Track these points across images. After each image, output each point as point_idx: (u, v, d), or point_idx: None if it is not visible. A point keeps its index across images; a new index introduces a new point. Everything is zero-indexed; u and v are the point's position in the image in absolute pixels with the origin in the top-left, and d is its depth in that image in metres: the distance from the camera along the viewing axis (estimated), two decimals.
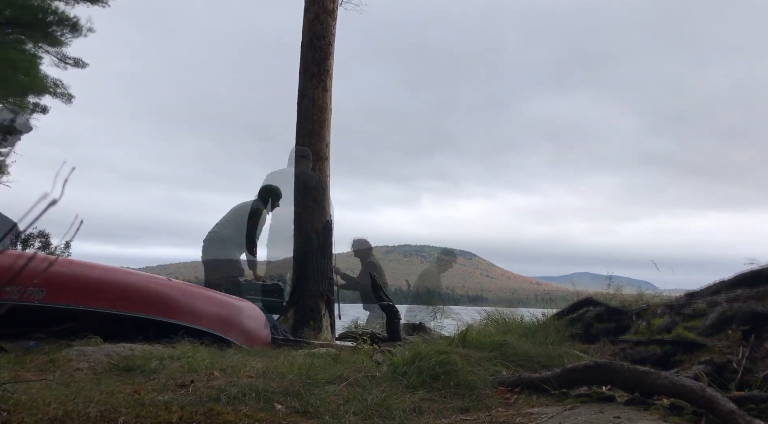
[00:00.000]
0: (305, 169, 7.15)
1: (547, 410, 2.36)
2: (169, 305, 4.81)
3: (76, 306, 4.29)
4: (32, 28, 13.16)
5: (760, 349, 2.73)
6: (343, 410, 2.46)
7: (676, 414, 2.08)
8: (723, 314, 3.07)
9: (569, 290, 5.43)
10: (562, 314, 4.01)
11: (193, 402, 2.46)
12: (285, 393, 2.65)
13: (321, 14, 8.07)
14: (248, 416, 2.25)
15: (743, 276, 3.50)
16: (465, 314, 6.45)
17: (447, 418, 2.43)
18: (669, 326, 3.22)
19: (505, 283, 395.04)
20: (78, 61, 15.08)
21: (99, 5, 14.31)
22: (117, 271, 4.92)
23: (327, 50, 8.06)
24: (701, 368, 2.58)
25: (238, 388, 2.64)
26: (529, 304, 8.53)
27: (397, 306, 5.92)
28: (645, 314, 3.59)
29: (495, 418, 2.34)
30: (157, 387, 2.71)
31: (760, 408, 2.06)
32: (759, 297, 3.16)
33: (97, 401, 2.35)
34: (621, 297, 4.87)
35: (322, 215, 7.62)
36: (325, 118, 7.89)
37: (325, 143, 7.85)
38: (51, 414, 2.10)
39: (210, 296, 5.30)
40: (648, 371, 2.28)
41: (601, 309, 3.81)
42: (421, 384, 2.85)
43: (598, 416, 2.15)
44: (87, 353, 3.48)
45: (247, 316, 5.40)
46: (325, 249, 7.55)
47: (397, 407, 2.50)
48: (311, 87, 7.90)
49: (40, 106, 15.51)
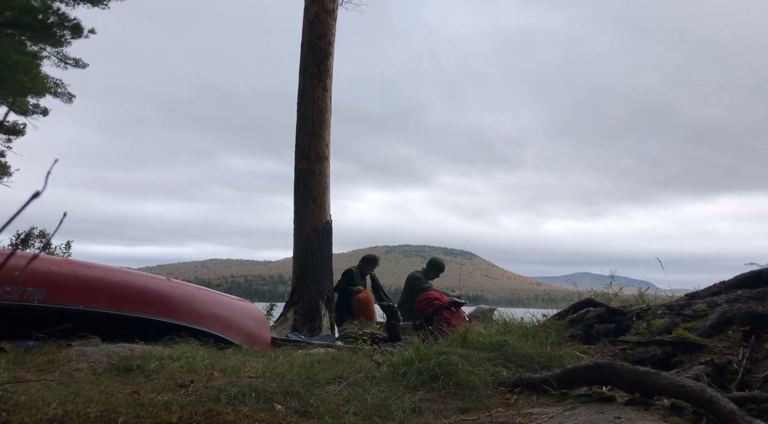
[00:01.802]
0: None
1: (547, 410, 2.35)
2: (168, 305, 4.80)
3: (76, 306, 4.29)
4: (33, 30, 13.16)
5: (760, 349, 2.73)
6: (343, 410, 2.46)
7: (677, 415, 2.08)
8: (723, 314, 3.07)
9: (570, 290, 5.43)
10: (562, 314, 4.01)
11: (192, 402, 2.46)
12: (285, 393, 2.65)
13: (321, 14, 8.06)
14: (248, 417, 2.25)
15: (743, 277, 3.50)
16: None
17: (447, 418, 2.42)
18: (669, 326, 3.22)
19: (505, 283, 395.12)
20: (78, 61, 15.09)
21: (100, 6, 14.32)
22: (117, 271, 4.91)
23: (327, 50, 8.05)
24: (701, 369, 2.58)
25: (238, 388, 2.64)
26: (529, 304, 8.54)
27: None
28: (645, 315, 3.58)
29: (495, 418, 2.34)
30: (156, 387, 2.70)
31: (761, 408, 2.06)
32: (759, 298, 3.16)
33: (96, 401, 2.35)
34: (622, 297, 4.86)
35: (322, 215, 7.62)
36: (325, 118, 7.89)
37: (325, 143, 7.85)
38: (51, 414, 2.10)
39: (210, 296, 5.30)
40: (648, 371, 2.27)
41: (602, 310, 3.80)
42: (421, 384, 2.85)
43: (598, 416, 2.15)
44: (87, 353, 3.48)
45: (247, 316, 5.40)
46: (325, 249, 7.55)
47: (396, 407, 2.49)
48: (311, 87, 7.90)
49: (41, 107, 15.54)
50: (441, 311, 5.46)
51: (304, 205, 7.60)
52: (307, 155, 7.70)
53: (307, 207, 7.57)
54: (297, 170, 7.77)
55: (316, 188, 7.64)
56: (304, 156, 7.72)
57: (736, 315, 3.03)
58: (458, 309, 5.76)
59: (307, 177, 7.65)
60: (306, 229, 7.52)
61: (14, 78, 12.49)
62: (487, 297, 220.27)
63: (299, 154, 7.78)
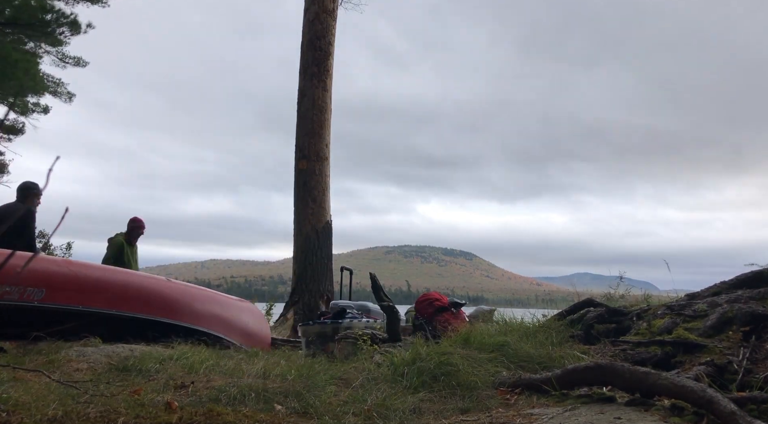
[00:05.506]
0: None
1: (547, 410, 2.35)
2: (168, 306, 4.80)
3: (76, 306, 4.28)
4: (32, 28, 13.16)
5: (760, 350, 2.73)
6: (343, 410, 2.46)
7: (677, 415, 2.07)
8: (723, 315, 3.07)
9: (570, 290, 5.43)
10: (562, 315, 4.00)
11: (192, 403, 2.45)
12: (285, 394, 2.65)
13: (321, 14, 8.06)
14: (248, 417, 2.25)
15: (744, 277, 3.50)
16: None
17: (447, 419, 2.42)
18: (670, 327, 3.21)
19: (505, 283, 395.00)
20: (78, 60, 15.08)
21: (99, 5, 14.32)
22: (116, 271, 4.91)
23: (327, 50, 8.06)
24: (702, 369, 2.57)
25: (237, 388, 2.63)
26: (529, 304, 8.54)
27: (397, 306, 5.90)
28: (646, 315, 3.58)
29: (495, 419, 2.33)
30: (156, 388, 2.70)
31: (761, 409, 2.05)
32: (759, 298, 3.16)
33: (97, 402, 2.35)
34: (622, 297, 4.86)
35: (322, 215, 7.62)
36: (325, 118, 7.89)
37: (325, 143, 7.85)
38: (51, 414, 2.10)
39: (210, 297, 5.30)
40: (649, 371, 2.27)
41: (602, 310, 3.80)
42: (421, 385, 2.85)
43: (598, 416, 2.14)
44: (86, 354, 3.48)
45: (247, 316, 5.40)
46: (325, 249, 7.55)
47: (397, 407, 2.49)
48: (311, 87, 7.90)
49: (41, 105, 15.53)
50: (441, 311, 5.45)
51: (304, 205, 7.60)
52: (307, 155, 7.71)
53: (307, 207, 7.57)
54: (297, 170, 7.77)
55: (316, 188, 7.64)
56: (304, 156, 7.72)
57: (736, 315, 3.02)
58: (458, 310, 5.75)
59: (307, 177, 7.65)
60: (306, 229, 7.52)
61: (14, 76, 12.49)
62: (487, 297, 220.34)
63: (299, 154, 7.79)
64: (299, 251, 7.55)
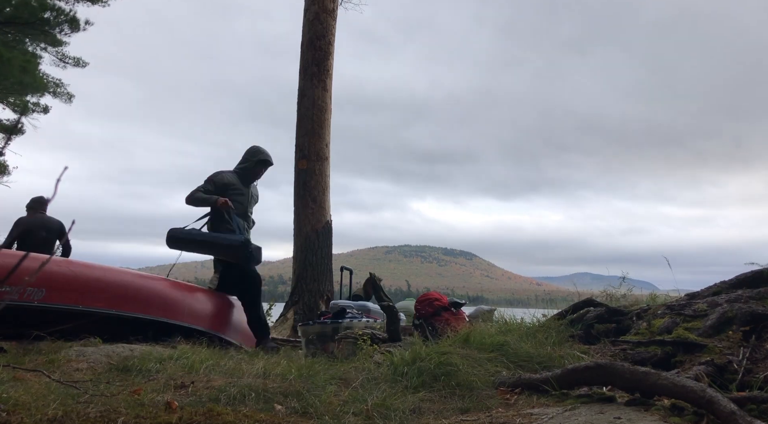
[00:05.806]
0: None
1: (547, 410, 2.35)
2: (168, 306, 4.80)
3: (76, 306, 4.28)
4: (31, 27, 13.17)
5: (760, 350, 2.73)
6: (343, 410, 2.46)
7: (677, 415, 2.07)
8: (723, 314, 3.07)
9: (570, 290, 5.43)
10: (562, 314, 4.00)
11: (192, 402, 2.45)
12: (285, 394, 2.65)
13: (321, 14, 8.07)
14: (248, 417, 2.25)
15: (744, 277, 3.50)
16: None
17: (447, 419, 2.42)
18: (670, 326, 3.21)
19: (505, 283, 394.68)
20: (78, 60, 15.09)
21: (99, 5, 14.33)
22: (116, 271, 4.91)
23: (327, 50, 8.06)
24: (702, 369, 2.58)
25: (237, 388, 2.63)
26: (529, 304, 8.53)
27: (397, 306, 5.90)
28: (646, 315, 3.58)
29: (495, 419, 2.33)
30: (156, 388, 2.70)
31: (761, 409, 2.06)
32: (759, 298, 3.16)
33: (97, 401, 2.35)
34: (623, 297, 4.86)
35: (322, 215, 7.62)
36: (325, 118, 7.89)
37: (325, 143, 7.85)
38: (51, 414, 2.10)
39: (210, 297, 5.29)
40: (648, 371, 2.27)
41: (602, 310, 3.80)
42: (421, 385, 2.85)
43: (598, 416, 2.14)
44: (86, 354, 3.48)
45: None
46: (325, 249, 7.55)
47: (397, 407, 2.49)
48: (311, 87, 7.90)
49: (41, 105, 15.52)
50: (441, 311, 5.45)
51: (304, 205, 7.60)
52: (307, 155, 7.71)
53: (307, 207, 7.57)
54: (297, 170, 7.78)
55: (316, 188, 7.64)
56: (304, 156, 7.72)
57: (736, 315, 3.03)
58: (458, 310, 5.76)
59: (307, 177, 7.65)
60: (306, 229, 7.52)
61: (14, 74, 12.50)
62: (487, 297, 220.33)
63: (299, 154, 7.79)
64: (299, 250, 7.55)
